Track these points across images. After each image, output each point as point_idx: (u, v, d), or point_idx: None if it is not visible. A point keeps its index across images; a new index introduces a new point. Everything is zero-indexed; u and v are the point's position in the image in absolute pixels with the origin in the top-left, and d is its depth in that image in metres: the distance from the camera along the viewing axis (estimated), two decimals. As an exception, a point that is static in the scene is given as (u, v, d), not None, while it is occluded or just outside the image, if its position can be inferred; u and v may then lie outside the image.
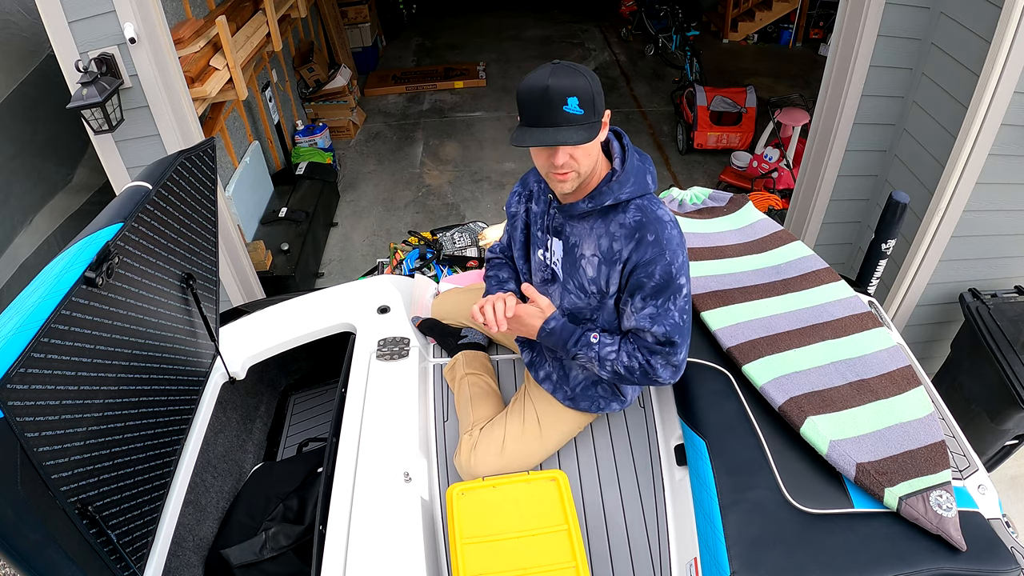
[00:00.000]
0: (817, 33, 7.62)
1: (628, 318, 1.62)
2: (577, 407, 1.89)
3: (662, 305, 1.56)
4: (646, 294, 1.56)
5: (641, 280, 1.55)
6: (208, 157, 1.91)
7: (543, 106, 1.40)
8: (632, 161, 1.57)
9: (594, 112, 1.42)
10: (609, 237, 1.57)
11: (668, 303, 1.56)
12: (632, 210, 1.56)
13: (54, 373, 1.27)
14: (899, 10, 2.86)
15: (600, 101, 1.44)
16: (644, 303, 1.57)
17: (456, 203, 5.41)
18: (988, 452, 2.91)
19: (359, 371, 2.10)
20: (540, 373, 1.93)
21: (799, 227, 3.64)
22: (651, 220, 1.54)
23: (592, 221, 1.60)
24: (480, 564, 1.54)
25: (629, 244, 1.55)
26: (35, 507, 1.21)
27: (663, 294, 1.55)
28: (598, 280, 1.62)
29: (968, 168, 2.67)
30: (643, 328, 1.58)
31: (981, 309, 2.84)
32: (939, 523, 1.49)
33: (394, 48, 8.24)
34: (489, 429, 1.87)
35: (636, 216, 1.55)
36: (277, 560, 2.06)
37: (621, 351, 1.63)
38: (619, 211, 1.57)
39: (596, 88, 1.43)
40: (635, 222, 1.55)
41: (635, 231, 1.54)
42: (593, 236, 1.60)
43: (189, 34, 3.47)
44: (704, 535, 1.59)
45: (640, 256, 1.53)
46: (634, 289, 1.57)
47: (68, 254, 1.37)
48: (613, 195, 1.54)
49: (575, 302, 1.69)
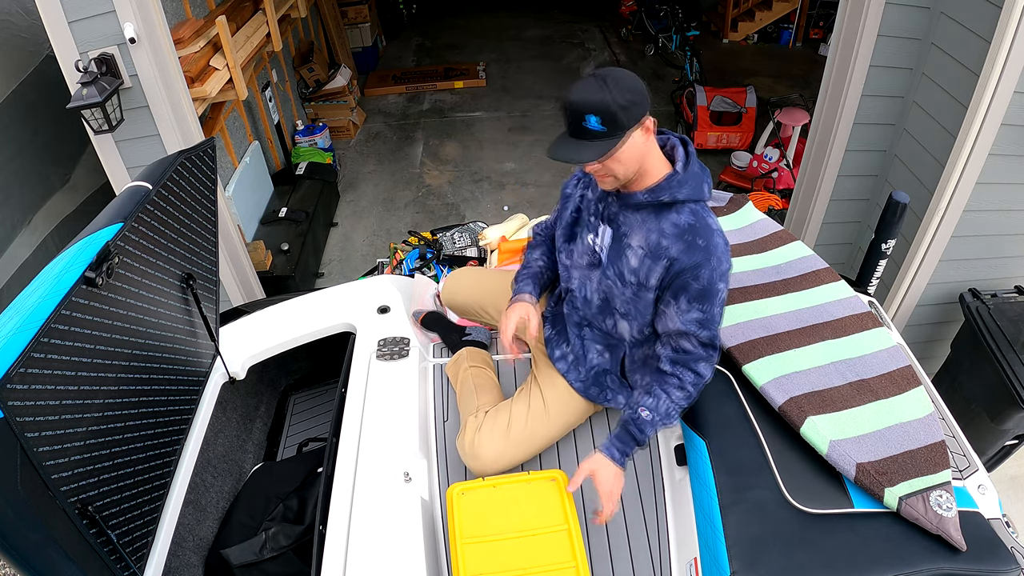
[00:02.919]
0: (817, 33, 7.62)
1: (671, 319, 1.65)
2: (587, 393, 1.90)
3: (708, 310, 1.61)
4: (691, 296, 1.60)
5: (687, 282, 1.59)
6: (208, 157, 1.91)
7: (568, 120, 1.52)
8: (693, 167, 1.62)
9: (617, 127, 1.47)
10: (659, 233, 1.62)
11: (713, 307, 1.61)
12: (686, 212, 1.61)
13: (54, 373, 1.27)
14: (899, 10, 2.86)
15: (625, 115, 1.47)
16: (690, 306, 1.61)
17: (456, 203, 5.41)
18: (988, 452, 2.91)
19: (359, 371, 2.10)
20: (556, 352, 1.95)
21: (799, 227, 3.64)
22: (703, 226, 1.59)
23: (646, 215, 1.64)
24: (480, 564, 1.54)
25: (678, 244, 1.59)
26: (35, 507, 1.21)
27: (708, 299, 1.60)
28: (639, 271, 1.66)
29: (968, 168, 2.66)
30: (690, 332, 1.63)
31: (981, 309, 2.84)
32: (939, 523, 1.49)
33: (394, 48, 8.24)
34: (495, 413, 1.89)
35: (689, 219, 1.60)
36: (277, 560, 2.06)
37: (669, 392, 1.66)
38: (673, 211, 1.62)
39: (621, 102, 1.46)
40: (688, 224, 1.60)
41: (686, 233, 1.59)
42: (643, 229, 1.64)
43: (189, 34, 3.47)
44: (704, 535, 1.59)
45: (689, 259, 1.58)
46: (679, 291, 1.61)
47: (68, 254, 1.37)
48: (671, 193, 1.59)
49: (610, 287, 1.73)
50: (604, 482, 1.63)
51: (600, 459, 1.65)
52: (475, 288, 2.21)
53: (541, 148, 5.96)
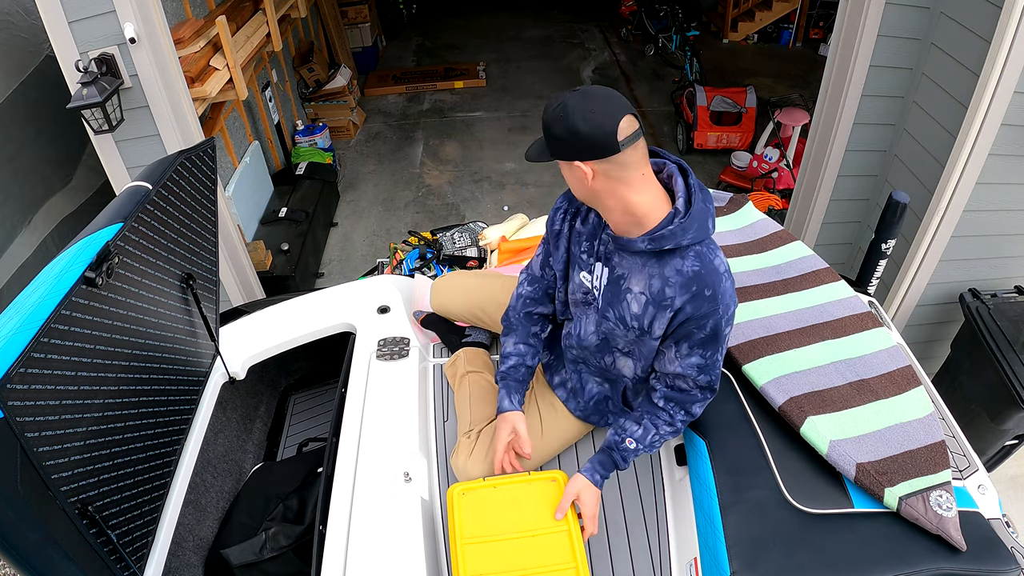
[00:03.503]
0: (817, 33, 7.62)
1: (671, 362, 1.59)
2: (588, 420, 1.89)
3: (711, 357, 1.55)
4: (694, 343, 1.53)
5: (691, 331, 1.52)
6: (208, 157, 1.91)
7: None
8: (697, 204, 1.45)
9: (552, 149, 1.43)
10: (662, 280, 1.49)
11: (716, 354, 1.56)
12: (691, 257, 1.47)
13: (54, 373, 1.27)
14: (899, 10, 2.86)
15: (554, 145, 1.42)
16: (691, 351, 1.55)
17: (456, 203, 5.41)
18: (988, 452, 2.91)
19: (359, 371, 2.10)
20: (555, 378, 1.93)
21: (799, 227, 3.64)
22: (709, 272, 1.47)
23: (646, 259, 1.51)
24: (480, 564, 1.54)
25: (684, 294, 1.48)
26: (35, 507, 1.21)
27: (712, 346, 1.54)
28: (641, 318, 1.55)
29: (968, 168, 2.66)
30: (688, 375, 1.58)
31: (981, 309, 2.84)
32: (939, 523, 1.49)
33: (394, 48, 8.24)
34: (488, 432, 1.86)
35: (695, 266, 1.47)
36: (277, 560, 2.06)
37: (658, 427, 1.64)
38: (676, 256, 1.48)
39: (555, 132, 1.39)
40: (693, 272, 1.47)
41: (692, 282, 1.47)
42: (644, 274, 1.52)
43: (189, 34, 3.47)
44: (704, 535, 1.59)
45: (695, 309, 1.48)
46: (681, 337, 1.54)
47: (68, 254, 1.37)
48: (675, 240, 1.44)
49: (611, 330, 1.64)
50: (588, 505, 1.62)
51: (582, 481, 1.64)
52: (464, 296, 2.17)
53: (541, 148, 5.95)
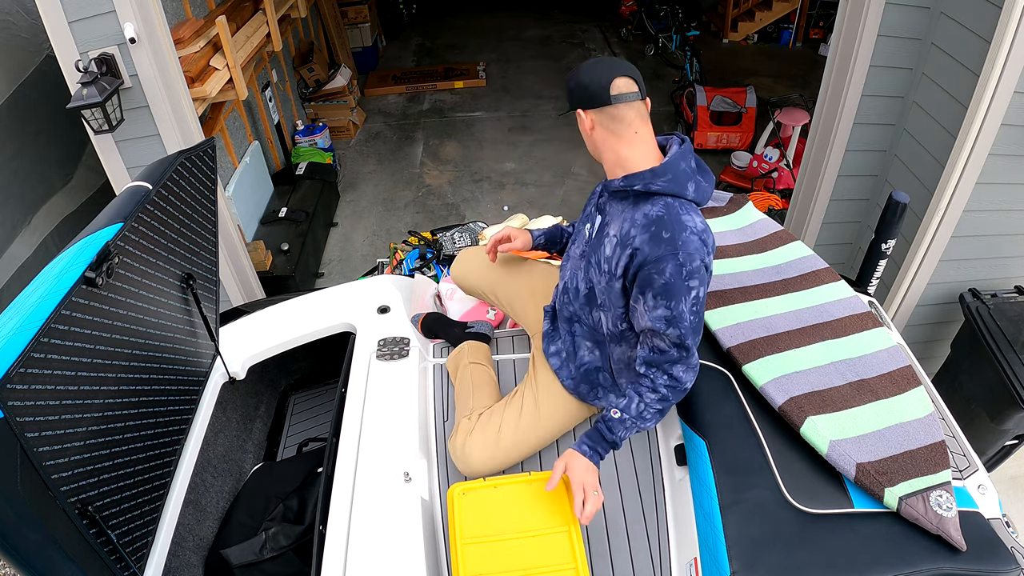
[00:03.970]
0: (817, 33, 7.62)
1: (642, 316, 1.62)
2: (578, 391, 1.92)
3: (675, 308, 1.56)
4: (656, 292, 1.56)
5: (652, 276, 1.56)
6: (208, 157, 1.91)
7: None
8: (677, 162, 1.61)
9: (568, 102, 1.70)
10: (631, 223, 1.62)
11: (680, 305, 1.56)
12: (660, 205, 1.59)
13: (54, 373, 1.27)
14: (899, 10, 2.86)
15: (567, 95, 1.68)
16: (656, 303, 1.57)
17: (456, 203, 5.41)
18: (988, 452, 2.91)
19: (359, 371, 2.10)
20: (552, 347, 1.97)
21: (799, 227, 3.64)
22: (673, 219, 1.56)
23: (625, 205, 1.66)
24: (480, 564, 1.54)
25: (644, 235, 1.57)
26: (35, 507, 1.21)
27: (673, 296, 1.55)
28: (611, 260, 1.66)
29: (968, 168, 2.66)
30: (658, 330, 1.60)
31: (981, 309, 2.84)
32: (939, 523, 1.49)
33: (394, 48, 8.24)
34: (488, 416, 1.90)
35: (660, 211, 1.57)
36: (277, 560, 2.06)
37: (642, 395, 1.65)
38: (648, 202, 1.61)
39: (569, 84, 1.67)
40: (656, 216, 1.57)
41: (653, 224, 1.57)
42: (621, 219, 1.66)
43: (189, 34, 3.47)
44: (704, 535, 1.59)
45: (652, 251, 1.55)
46: (644, 286, 1.58)
47: (68, 254, 1.37)
48: (644, 182, 1.59)
49: (594, 276, 1.75)
50: (574, 472, 1.62)
51: (570, 453, 1.65)
52: (486, 270, 2.22)
53: (541, 148, 5.96)
